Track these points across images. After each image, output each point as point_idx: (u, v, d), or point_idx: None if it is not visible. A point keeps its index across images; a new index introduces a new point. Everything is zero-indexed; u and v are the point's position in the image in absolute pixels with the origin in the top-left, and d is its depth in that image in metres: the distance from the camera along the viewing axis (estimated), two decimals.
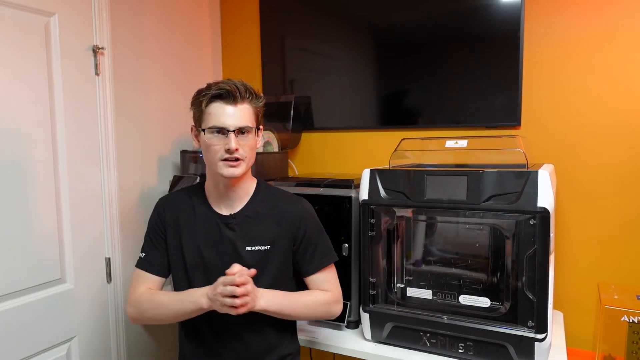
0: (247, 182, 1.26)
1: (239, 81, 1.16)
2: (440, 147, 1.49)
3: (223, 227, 1.23)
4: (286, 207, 1.26)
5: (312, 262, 1.26)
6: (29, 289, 1.45)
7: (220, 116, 1.14)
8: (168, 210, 1.29)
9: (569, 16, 1.58)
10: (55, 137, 1.52)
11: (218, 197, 1.25)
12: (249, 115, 1.17)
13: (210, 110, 1.15)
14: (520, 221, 1.24)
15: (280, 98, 2.08)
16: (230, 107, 1.14)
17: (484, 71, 1.69)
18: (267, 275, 1.22)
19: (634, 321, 1.29)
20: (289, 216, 1.25)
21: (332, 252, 1.30)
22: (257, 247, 1.22)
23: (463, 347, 1.31)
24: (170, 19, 1.98)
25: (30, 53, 1.43)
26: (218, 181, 1.22)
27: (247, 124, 1.16)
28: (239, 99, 1.14)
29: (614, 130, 1.55)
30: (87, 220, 1.62)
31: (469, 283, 1.36)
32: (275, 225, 1.23)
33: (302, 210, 1.27)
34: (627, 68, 1.52)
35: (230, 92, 1.13)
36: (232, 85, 1.14)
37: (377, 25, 1.89)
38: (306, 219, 1.26)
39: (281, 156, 1.98)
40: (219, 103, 1.14)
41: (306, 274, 1.27)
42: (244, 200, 1.25)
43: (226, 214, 1.24)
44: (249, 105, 1.17)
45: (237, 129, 1.14)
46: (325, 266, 1.27)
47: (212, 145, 1.15)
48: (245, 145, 1.16)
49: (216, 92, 1.14)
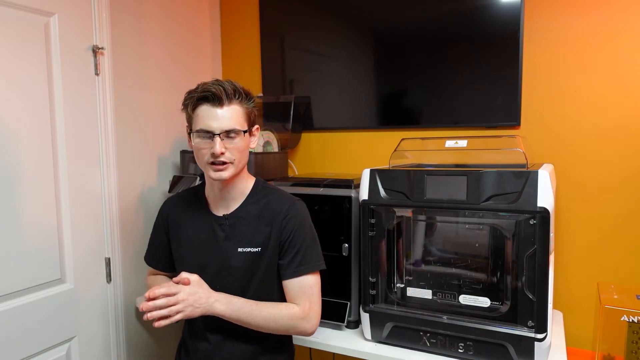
0: (243, 183, 1.24)
1: (227, 82, 1.13)
2: (440, 147, 1.49)
3: (217, 228, 1.23)
4: (276, 207, 1.22)
5: (289, 267, 1.19)
6: (29, 289, 1.45)
7: (206, 119, 1.11)
8: (171, 209, 1.32)
9: (569, 16, 1.58)
10: (55, 137, 1.52)
11: (214, 198, 1.25)
12: (237, 117, 1.13)
13: (198, 113, 1.12)
14: (520, 221, 1.24)
15: (280, 98, 2.08)
16: (216, 109, 1.11)
17: (483, 71, 1.69)
18: (257, 278, 1.21)
19: (634, 321, 1.29)
20: (278, 217, 1.20)
21: (315, 262, 1.21)
22: (248, 248, 1.20)
23: (463, 347, 1.31)
24: (170, 19, 1.98)
25: (30, 53, 1.43)
26: (213, 183, 1.22)
27: (235, 126, 1.12)
28: (225, 101, 1.11)
29: (613, 130, 1.55)
30: (87, 220, 1.62)
31: (469, 283, 1.36)
32: (266, 226, 1.20)
33: (291, 211, 1.21)
34: (626, 68, 1.52)
35: (215, 94, 1.10)
36: (218, 87, 1.10)
37: (376, 25, 1.89)
38: (292, 220, 1.20)
39: (281, 156, 1.98)
40: (205, 105, 1.11)
41: (283, 278, 1.21)
42: (239, 201, 1.24)
43: (221, 214, 1.24)
44: (237, 106, 1.13)
45: (222, 132, 1.11)
46: (303, 274, 1.19)
47: (200, 149, 1.14)
48: (233, 148, 1.13)
49: (202, 94, 1.11)
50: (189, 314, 1.11)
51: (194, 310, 1.12)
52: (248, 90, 1.18)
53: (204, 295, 1.13)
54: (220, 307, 1.14)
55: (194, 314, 1.12)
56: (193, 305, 1.11)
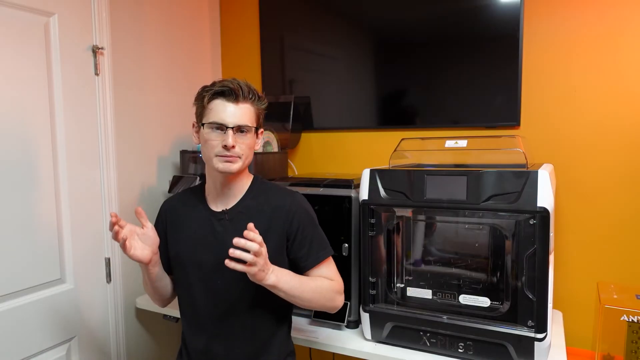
0: (243, 180, 1.26)
1: (243, 81, 1.18)
2: (440, 147, 1.49)
3: (215, 223, 1.23)
4: (277, 201, 1.24)
5: (309, 257, 1.23)
6: (29, 289, 1.45)
7: (220, 112, 1.15)
8: (169, 210, 1.33)
9: (569, 16, 1.59)
10: (54, 137, 1.52)
11: (215, 194, 1.26)
12: (250, 115, 1.18)
13: (212, 106, 1.16)
14: (520, 221, 1.25)
15: (279, 98, 2.08)
16: (231, 104, 1.15)
17: (483, 71, 1.69)
18: None
19: (634, 320, 1.29)
20: (281, 211, 1.23)
21: (328, 246, 1.28)
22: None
23: (463, 347, 1.31)
24: (169, 19, 1.98)
25: (29, 53, 1.43)
26: (215, 178, 1.23)
27: (247, 122, 1.17)
28: (240, 98, 1.16)
29: (613, 130, 1.55)
30: (87, 221, 1.62)
31: (469, 283, 1.36)
32: (266, 220, 1.22)
33: (294, 204, 1.24)
34: (626, 68, 1.52)
35: (233, 90, 1.15)
36: (236, 84, 1.15)
37: (376, 25, 1.89)
38: (299, 213, 1.23)
39: (281, 156, 1.98)
40: (220, 100, 1.16)
41: (304, 270, 1.25)
42: (238, 197, 1.25)
43: (219, 210, 1.25)
44: (250, 106, 1.18)
45: (236, 126, 1.15)
46: (323, 260, 1.25)
47: (209, 140, 1.16)
48: (242, 143, 1.17)
49: (219, 89, 1.15)
50: (254, 274, 1.06)
51: (260, 275, 1.07)
52: (262, 93, 1.23)
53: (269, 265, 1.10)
54: (274, 278, 1.10)
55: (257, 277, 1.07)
56: (263, 270, 1.07)
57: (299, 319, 1.61)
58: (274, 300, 1.22)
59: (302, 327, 1.56)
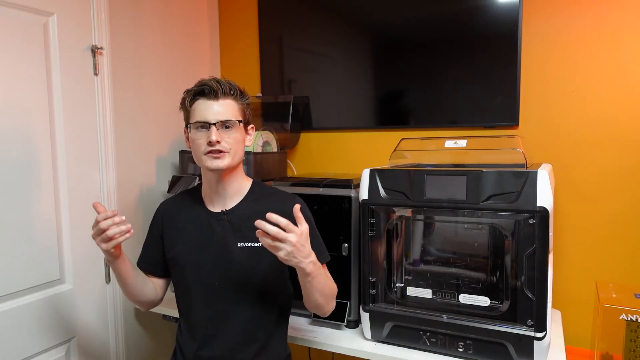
0: (239, 180, 1.26)
1: (223, 79, 1.19)
2: (440, 147, 1.49)
3: (214, 224, 1.23)
4: (279, 205, 1.23)
5: None
6: (28, 289, 1.45)
7: (203, 111, 1.16)
8: (166, 212, 1.32)
9: (568, 16, 1.59)
10: (54, 137, 1.51)
11: (211, 195, 1.26)
12: (232, 110, 1.18)
13: (195, 107, 1.18)
14: (519, 220, 1.25)
15: (278, 98, 2.08)
16: (212, 102, 1.16)
17: (482, 71, 1.70)
18: (259, 272, 1.22)
19: (632, 319, 1.30)
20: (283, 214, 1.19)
21: (326, 251, 1.28)
22: (248, 243, 1.21)
23: (463, 346, 1.32)
24: (168, 19, 1.98)
25: (29, 53, 1.43)
26: (209, 178, 1.23)
27: (230, 117, 1.17)
28: (220, 94, 1.16)
29: (612, 129, 1.56)
30: (86, 221, 1.62)
31: (469, 282, 1.36)
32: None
33: None
34: (625, 67, 1.53)
35: (212, 88, 1.15)
36: (214, 82, 1.16)
37: (375, 25, 1.90)
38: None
39: (280, 156, 1.98)
40: (202, 100, 1.17)
41: None
42: (237, 199, 1.25)
43: (218, 211, 1.24)
44: (232, 101, 1.19)
45: (218, 122, 1.15)
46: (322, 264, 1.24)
47: (196, 140, 1.17)
48: (229, 138, 1.17)
49: (199, 88, 1.17)
50: (284, 257, 1.06)
51: (291, 259, 1.06)
52: (243, 88, 1.23)
53: (307, 252, 1.09)
54: (312, 268, 1.10)
55: (289, 260, 1.07)
56: (293, 254, 1.05)
57: (299, 318, 1.61)
58: (272, 303, 1.22)
59: (302, 326, 1.56)
